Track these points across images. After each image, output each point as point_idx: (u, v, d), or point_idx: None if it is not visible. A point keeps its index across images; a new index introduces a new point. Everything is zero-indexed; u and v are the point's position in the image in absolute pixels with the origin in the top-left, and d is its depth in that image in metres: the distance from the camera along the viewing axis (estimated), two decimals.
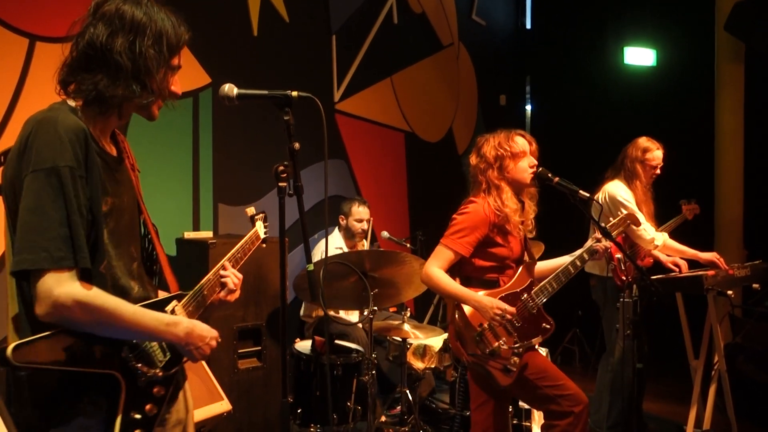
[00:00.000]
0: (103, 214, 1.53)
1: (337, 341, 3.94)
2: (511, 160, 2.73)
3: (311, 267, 1.79)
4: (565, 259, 2.82)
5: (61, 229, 1.40)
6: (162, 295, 1.75)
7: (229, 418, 3.06)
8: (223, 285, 1.87)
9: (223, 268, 1.91)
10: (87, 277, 1.46)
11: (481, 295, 2.62)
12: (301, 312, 4.42)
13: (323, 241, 4.40)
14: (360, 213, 4.42)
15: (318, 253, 4.26)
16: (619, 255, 3.65)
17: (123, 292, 1.58)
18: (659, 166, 3.91)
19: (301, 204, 1.73)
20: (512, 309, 2.61)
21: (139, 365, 1.52)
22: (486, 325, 2.60)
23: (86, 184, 1.47)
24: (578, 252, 2.82)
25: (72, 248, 1.41)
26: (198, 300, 1.78)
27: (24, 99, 3.21)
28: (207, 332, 1.64)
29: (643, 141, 3.93)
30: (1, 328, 3.06)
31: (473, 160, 2.83)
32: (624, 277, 3.70)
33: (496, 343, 2.59)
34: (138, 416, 1.51)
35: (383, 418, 4.00)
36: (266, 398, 3.51)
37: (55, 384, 1.44)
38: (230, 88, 1.73)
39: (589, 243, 2.85)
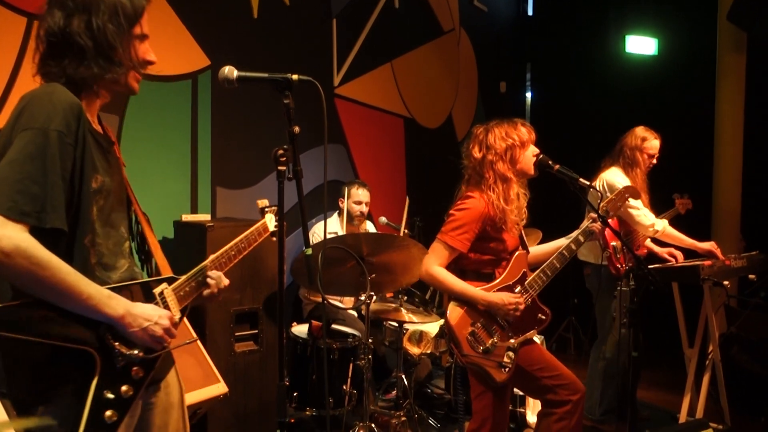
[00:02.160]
0: (93, 190, 1.53)
1: (333, 326, 3.95)
2: (520, 150, 2.66)
3: (309, 251, 1.79)
4: (561, 242, 2.78)
5: (33, 186, 1.39)
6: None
7: (225, 401, 3.08)
8: (208, 285, 1.82)
9: (237, 250, 1.90)
10: (64, 242, 1.46)
11: (490, 294, 2.58)
12: (301, 290, 4.44)
13: (318, 225, 4.40)
14: (359, 195, 4.41)
15: (312, 237, 4.26)
16: (614, 243, 3.66)
17: (108, 269, 1.58)
18: (656, 156, 3.92)
19: (300, 188, 1.72)
20: (521, 298, 2.59)
21: (117, 344, 1.50)
22: (478, 324, 2.57)
23: (74, 154, 1.47)
24: (574, 234, 2.76)
25: (40, 207, 1.39)
26: (191, 286, 1.76)
27: (22, 78, 3.19)
28: (152, 310, 1.56)
29: (641, 130, 3.92)
30: None
31: (477, 152, 2.70)
32: (619, 266, 3.71)
33: (490, 341, 2.56)
34: (111, 396, 1.48)
35: (379, 403, 4.03)
36: (263, 381, 3.52)
37: (31, 357, 1.41)
38: (230, 71, 1.71)
39: (585, 223, 2.78)
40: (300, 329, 3.78)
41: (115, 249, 1.63)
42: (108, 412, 1.47)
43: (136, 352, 1.53)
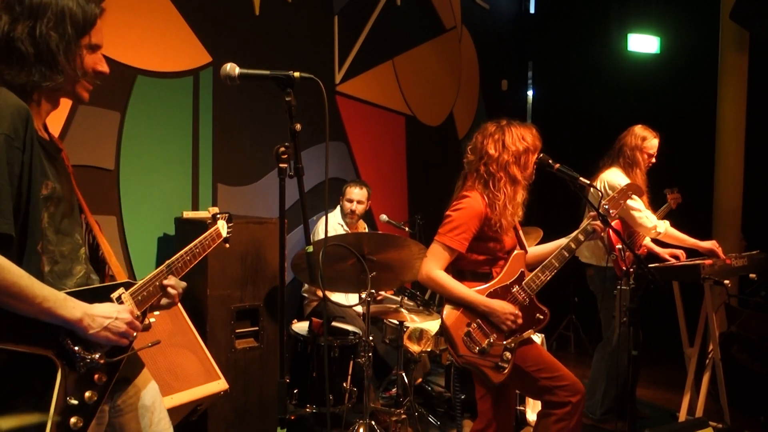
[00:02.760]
0: (44, 197, 1.50)
1: (334, 323, 3.96)
2: (532, 155, 2.64)
3: (311, 248, 1.79)
4: (561, 242, 2.76)
5: None
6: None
7: (225, 397, 3.09)
8: (164, 290, 1.79)
9: (163, 277, 1.81)
10: (14, 249, 1.42)
11: (492, 300, 2.57)
12: (304, 288, 4.45)
13: (321, 222, 4.42)
14: (352, 193, 4.44)
15: (317, 233, 4.28)
16: (620, 245, 3.66)
17: (63, 275, 1.56)
18: (655, 155, 3.91)
19: (301, 185, 1.73)
20: (520, 314, 2.57)
21: (77, 348, 1.48)
22: (474, 324, 2.56)
23: (22, 159, 1.43)
24: (574, 233, 2.74)
25: None
26: (148, 290, 1.73)
27: None
28: (111, 308, 1.53)
29: (640, 129, 3.92)
30: None
31: (492, 150, 2.63)
32: (624, 267, 3.72)
33: (486, 342, 2.55)
34: (75, 402, 1.46)
35: (379, 401, 4.03)
36: (263, 378, 3.53)
37: None
38: (232, 68, 1.72)
39: (585, 222, 2.75)
40: (300, 326, 3.78)
41: (71, 255, 1.60)
42: (73, 419, 1.45)
43: (97, 356, 1.51)
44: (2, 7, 1.50)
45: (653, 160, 3.91)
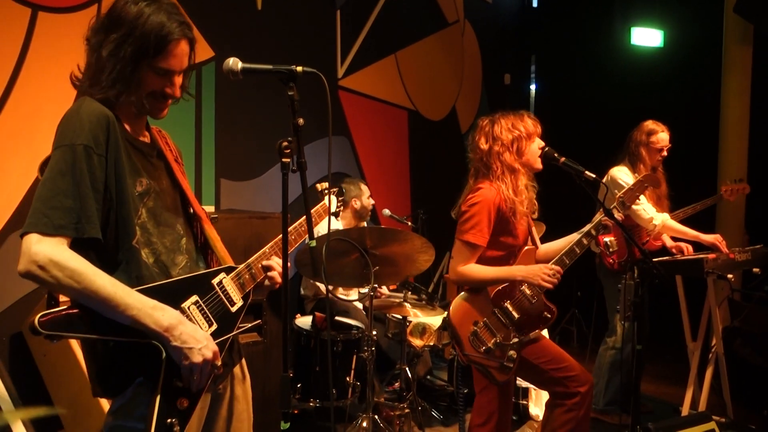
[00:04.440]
0: (139, 193, 1.59)
1: (337, 318, 3.96)
2: (527, 141, 2.66)
3: (313, 243, 1.79)
4: (573, 237, 2.76)
5: (65, 200, 1.44)
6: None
7: None
8: (267, 271, 1.86)
9: (266, 258, 1.88)
10: (107, 248, 1.52)
11: (526, 267, 2.60)
12: (302, 291, 4.44)
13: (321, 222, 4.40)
14: (368, 189, 4.44)
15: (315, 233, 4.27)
16: (606, 239, 3.68)
17: (165, 266, 1.62)
18: (665, 148, 3.90)
19: (304, 180, 1.72)
20: (557, 267, 2.59)
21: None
22: (481, 323, 2.56)
23: (105, 163, 1.52)
24: (586, 228, 2.73)
25: (76, 218, 1.44)
26: (250, 273, 1.80)
27: (26, 70, 3.18)
28: (202, 335, 1.53)
29: (649, 124, 3.91)
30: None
31: (483, 144, 2.69)
32: (612, 260, 3.73)
33: (492, 341, 2.55)
34: (180, 384, 1.52)
35: (382, 396, 4.04)
36: (266, 372, 3.53)
37: (103, 352, 1.49)
38: (235, 62, 1.71)
39: (597, 217, 2.75)
40: (304, 321, 3.78)
41: (172, 246, 1.66)
42: (180, 400, 1.52)
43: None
44: (97, 25, 1.60)
45: (664, 154, 3.90)
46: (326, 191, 2.25)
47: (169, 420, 1.48)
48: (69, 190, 1.45)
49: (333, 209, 2.21)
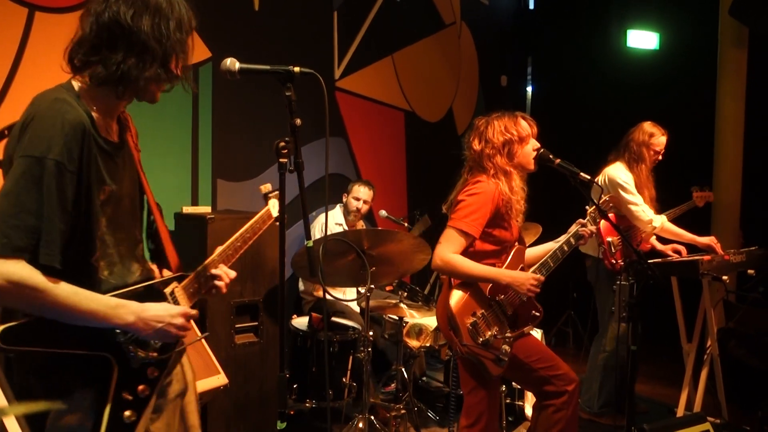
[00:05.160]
0: (102, 202, 1.52)
1: (333, 318, 3.97)
2: (518, 145, 2.67)
3: (311, 243, 1.79)
4: (550, 245, 2.80)
5: (28, 218, 1.37)
6: (167, 275, 1.76)
7: (225, 392, 3.10)
8: (214, 279, 1.84)
9: (214, 266, 1.85)
10: (68, 267, 1.44)
11: (513, 272, 2.60)
12: (301, 288, 4.44)
13: (321, 216, 4.42)
14: (359, 192, 4.43)
15: (316, 227, 4.28)
16: (609, 238, 3.67)
17: (122, 276, 1.59)
18: (661, 152, 3.92)
19: (301, 180, 1.73)
20: (541, 277, 2.61)
21: (131, 347, 1.53)
22: (479, 314, 2.58)
23: (77, 181, 1.44)
24: (563, 237, 2.80)
25: (36, 241, 1.37)
26: (199, 282, 1.78)
27: (23, 70, 3.18)
28: (164, 311, 1.56)
29: (649, 126, 3.93)
30: None
31: (476, 145, 2.71)
32: (613, 261, 3.73)
33: (489, 333, 2.56)
34: (130, 398, 1.51)
35: (378, 397, 4.04)
36: (262, 373, 3.54)
37: (49, 364, 1.45)
38: (232, 63, 1.72)
39: (574, 228, 2.81)
40: (300, 321, 3.79)
41: (128, 253, 1.63)
42: (127, 413, 1.51)
43: (150, 353, 1.56)
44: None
45: (659, 157, 3.92)
46: (270, 194, 2.19)
47: None
48: (33, 209, 1.36)
49: (275, 214, 2.15)
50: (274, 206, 2.16)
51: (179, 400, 1.80)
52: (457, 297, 2.59)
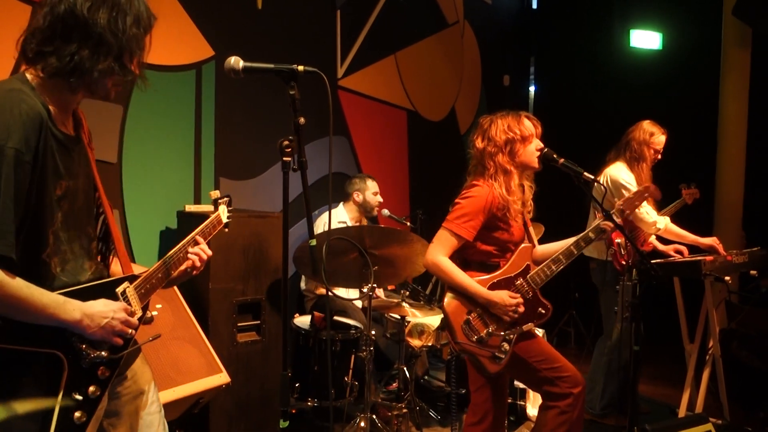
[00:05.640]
0: (58, 197, 1.50)
1: (335, 317, 3.97)
2: (521, 144, 2.66)
3: (314, 242, 1.80)
4: (569, 241, 2.75)
5: None
6: (116, 274, 1.74)
7: (227, 390, 3.10)
8: (187, 259, 1.84)
9: (195, 242, 1.87)
10: (18, 260, 1.41)
11: (491, 292, 2.58)
12: (302, 285, 4.45)
13: (323, 216, 4.42)
14: (374, 186, 4.48)
15: (319, 227, 4.29)
16: (619, 240, 3.67)
17: (74, 273, 1.57)
18: (661, 151, 3.92)
19: (305, 179, 1.73)
20: (521, 300, 2.59)
21: (84, 346, 1.51)
22: (474, 313, 2.57)
23: (33, 171, 1.42)
24: (584, 232, 2.73)
25: None
26: (151, 283, 1.75)
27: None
28: (105, 307, 1.54)
29: (648, 124, 3.92)
30: None
31: (479, 143, 2.72)
32: (624, 262, 3.72)
33: (484, 331, 2.56)
34: (79, 397, 1.49)
35: (380, 396, 4.04)
36: (264, 371, 3.54)
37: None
38: (236, 61, 1.72)
39: (596, 221, 2.75)
40: (302, 320, 3.79)
41: (81, 251, 1.61)
42: (77, 413, 1.48)
43: (102, 353, 1.53)
44: None
45: (659, 156, 3.92)
46: (219, 200, 2.17)
47: None
48: None
49: (225, 219, 2.14)
50: (223, 212, 2.15)
51: (137, 402, 1.77)
52: (451, 297, 2.60)
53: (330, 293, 4.00)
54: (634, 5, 6.61)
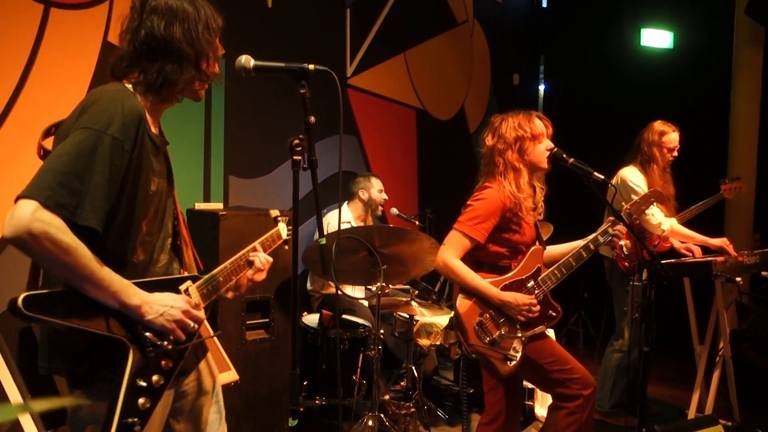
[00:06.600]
0: (152, 193, 1.62)
1: (344, 316, 3.97)
2: (531, 142, 2.66)
3: (323, 241, 1.80)
4: (579, 243, 2.76)
5: (75, 181, 1.42)
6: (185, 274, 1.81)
7: (235, 388, 3.11)
8: (251, 264, 1.95)
9: (254, 249, 1.98)
10: (109, 244, 1.52)
11: (504, 293, 2.58)
12: (309, 286, 4.45)
13: (329, 215, 4.42)
14: (379, 183, 4.49)
15: (327, 227, 4.29)
16: (622, 242, 3.66)
17: (150, 264, 1.66)
18: (676, 149, 3.90)
19: (315, 178, 1.74)
20: (534, 300, 2.59)
21: (149, 334, 1.55)
22: (487, 315, 2.57)
23: (130, 162, 1.52)
24: (592, 235, 2.74)
25: (77, 203, 1.42)
26: (213, 284, 1.81)
27: (38, 66, 3.20)
28: (166, 297, 1.60)
29: (659, 125, 3.90)
30: None
31: (489, 140, 2.72)
32: (627, 264, 3.71)
33: (497, 333, 2.56)
34: (143, 383, 1.53)
35: (388, 395, 4.05)
36: (273, 370, 3.54)
37: (78, 343, 1.50)
38: (247, 60, 1.73)
39: (605, 225, 2.76)
40: (311, 319, 3.80)
41: (160, 244, 1.70)
42: (141, 399, 1.52)
43: (165, 343, 1.58)
44: (151, 11, 1.64)
45: (675, 154, 3.89)
46: (279, 218, 2.26)
47: (130, 419, 1.48)
48: (82, 174, 1.42)
49: (284, 236, 2.22)
50: (283, 229, 2.23)
51: (201, 401, 1.83)
52: (463, 298, 2.60)
53: (340, 292, 4.00)
54: (645, 4, 6.57)
